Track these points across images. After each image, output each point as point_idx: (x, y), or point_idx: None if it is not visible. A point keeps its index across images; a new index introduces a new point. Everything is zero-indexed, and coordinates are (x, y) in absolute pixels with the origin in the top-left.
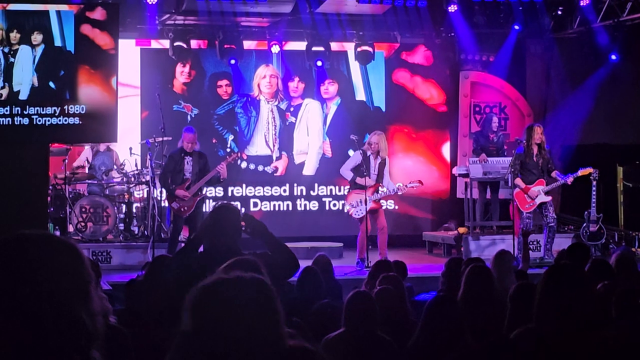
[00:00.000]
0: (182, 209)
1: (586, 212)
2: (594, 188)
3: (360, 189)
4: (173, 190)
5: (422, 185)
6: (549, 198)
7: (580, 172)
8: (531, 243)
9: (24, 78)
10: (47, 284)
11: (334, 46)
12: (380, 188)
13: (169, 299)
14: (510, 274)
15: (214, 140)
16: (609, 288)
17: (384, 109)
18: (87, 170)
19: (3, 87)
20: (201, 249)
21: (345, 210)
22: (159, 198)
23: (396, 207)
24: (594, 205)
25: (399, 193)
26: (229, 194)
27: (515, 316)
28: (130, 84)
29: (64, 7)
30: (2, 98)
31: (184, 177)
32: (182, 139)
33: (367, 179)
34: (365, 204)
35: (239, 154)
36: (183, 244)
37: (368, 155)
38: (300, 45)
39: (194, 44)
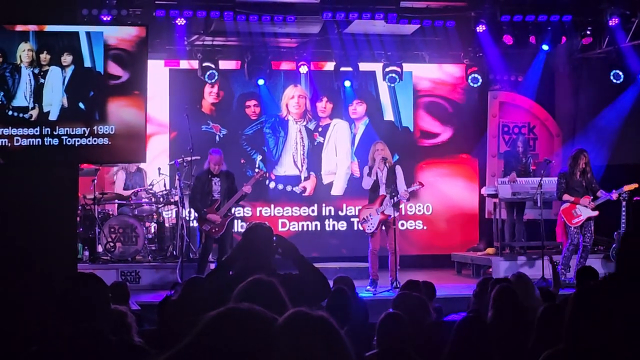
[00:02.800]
0: (214, 231)
1: (616, 233)
2: (623, 208)
3: (370, 203)
4: (205, 214)
5: (423, 187)
6: (595, 213)
7: (626, 188)
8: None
9: (54, 99)
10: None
11: (362, 66)
12: (385, 200)
13: None
14: (533, 295)
15: (242, 161)
16: None
17: (412, 129)
18: (121, 191)
19: (33, 108)
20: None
21: (360, 228)
22: (187, 218)
23: (425, 228)
24: (623, 225)
25: (403, 199)
26: (258, 214)
27: (542, 337)
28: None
29: (94, 28)
30: (32, 119)
31: (212, 198)
32: (208, 160)
33: (380, 193)
34: (377, 214)
35: (267, 174)
36: (213, 265)
37: (373, 167)
38: (328, 66)
39: (222, 64)
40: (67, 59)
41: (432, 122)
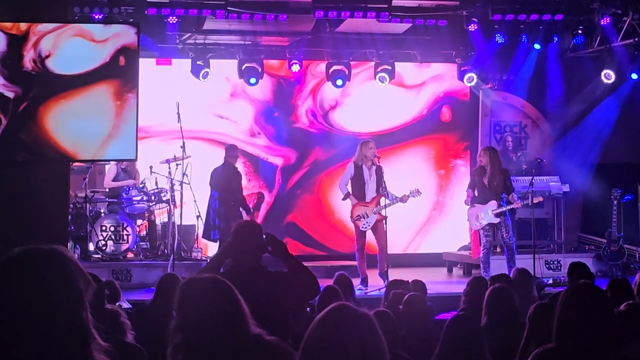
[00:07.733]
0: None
1: (607, 232)
2: (614, 208)
3: (364, 201)
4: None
5: (421, 194)
6: (497, 220)
7: (515, 205)
8: (552, 262)
9: None
10: (56, 295)
11: (354, 65)
12: (381, 200)
13: None
14: (531, 293)
15: None
16: (632, 307)
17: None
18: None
19: None
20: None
21: (353, 225)
22: (178, 216)
23: (417, 226)
24: (614, 224)
25: (398, 203)
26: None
27: (532, 336)
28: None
29: (85, 26)
30: None
31: None
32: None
33: (366, 191)
34: (370, 216)
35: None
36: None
37: (360, 165)
38: (320, 64)
39: (214, 63)
40: None
41: (423, 122)
